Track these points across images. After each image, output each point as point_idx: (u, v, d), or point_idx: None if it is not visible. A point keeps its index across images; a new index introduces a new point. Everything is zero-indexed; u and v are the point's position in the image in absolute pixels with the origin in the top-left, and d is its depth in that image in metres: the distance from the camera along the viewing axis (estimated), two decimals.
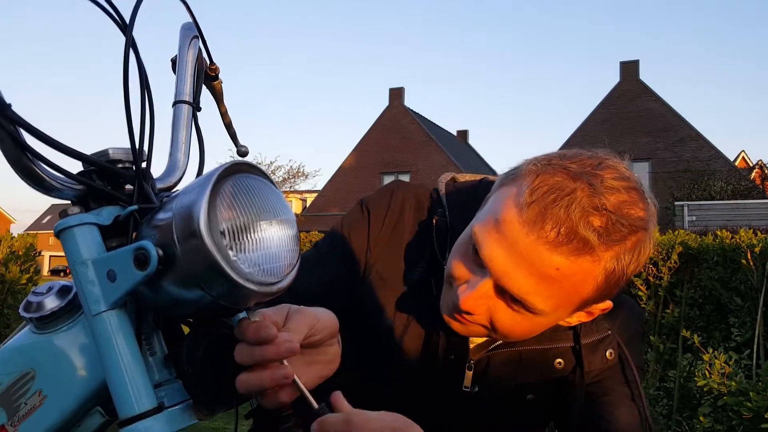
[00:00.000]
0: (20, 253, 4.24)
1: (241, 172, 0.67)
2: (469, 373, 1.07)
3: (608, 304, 0.98)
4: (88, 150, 0.72)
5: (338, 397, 0.72)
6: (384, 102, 33.06)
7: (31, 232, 4.79)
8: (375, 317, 1.09)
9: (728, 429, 2.63)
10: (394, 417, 0.71)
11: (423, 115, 32.01)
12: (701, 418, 2.60)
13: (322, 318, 0.78)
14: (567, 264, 0.85)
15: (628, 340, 1.09)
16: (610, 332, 1.06)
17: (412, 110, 30.55)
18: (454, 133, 36.93)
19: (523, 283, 0.88)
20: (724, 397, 2.36)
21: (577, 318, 1.00)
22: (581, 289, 0.89)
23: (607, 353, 1.05)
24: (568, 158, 0.90)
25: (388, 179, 28.22)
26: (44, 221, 58.93)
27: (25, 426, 0.70)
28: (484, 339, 1.08)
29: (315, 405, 0.70)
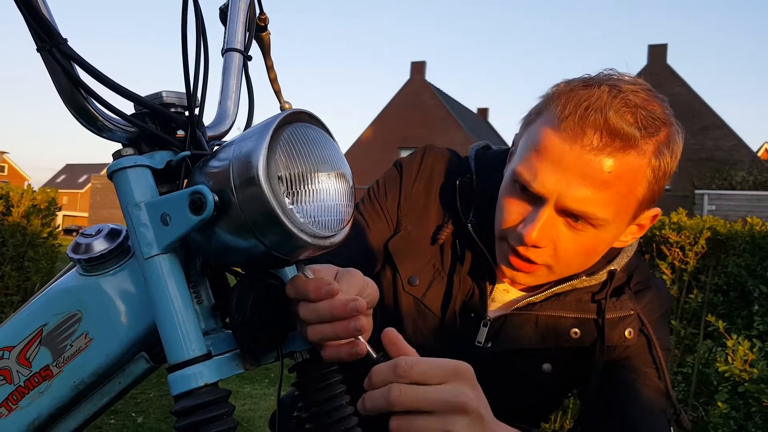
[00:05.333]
0: (42, 206, 4.27)
1: (300, 121, 0.66)
2: (483, 329, 1.09)
3: (657, 211, 1.02)
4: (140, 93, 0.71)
5: (394, 335, 0.71)
6: (405, 75, 32.78)
7: (48, 189, 4.82)
8: (401, 271, 1.13)
9: (745, 416, 2.61)
10: (445, 360, 0.70)
11: (444, 90, 31.76)
12: (719, 404, 2.58)
13: (370, 283, 0.79)
14: (617, 164, 0.89)
15: (654, 321, 1.08)
16: (633, 312, 1.06)
17: (433, 85, 30.31)
18: (475, 111, 36.64)
19: (581, 195, 0.90)
20: (745, 384, 2.34)
21: (631, 235, 1.03)
22: (635, 189, 0.92)
23: (626, 332, 1.05)
24: (581, 78, 0.96)
25: (405, 154, 28.10)
26: (59, 180, 59.17)
27: (70, 367, 0.70)
28: (505, 302, 1.11)
29: (374, 354, 0.70)
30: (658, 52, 25.36)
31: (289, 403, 1.21)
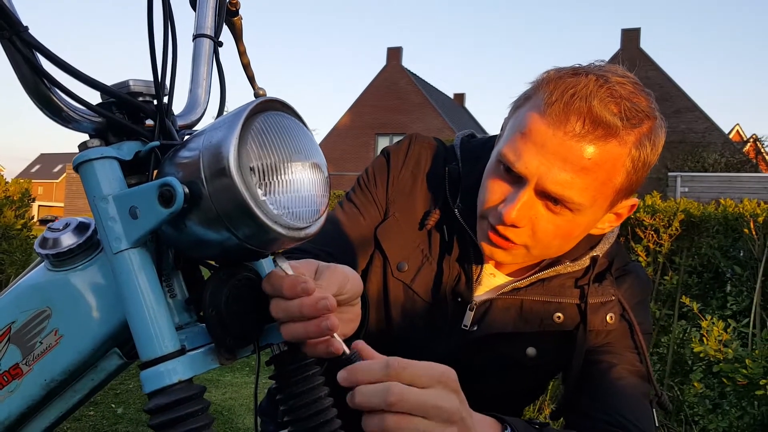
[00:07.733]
0: (15, 198, 4.19)
1: (272, 110, 0.64)
2: (470, 313, 1.11)
3: (635, 201, 1.05)
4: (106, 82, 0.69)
5: (363, 345, 0.71)
6: (381, 61, 32.68)
7: (22, 179, 4.74)
8: (390, 258, 1.14)
9: (719, 395, 2.66)
10: (432, 365, 0.70)
11: (420, 76, 31.67)
12: (695, 384, 2.63)
13: (351, 277, 0.78)
14: (597, 152, 0.91)
15: (634, 305, 1.10)
16: (614, 298, 1.08)
17: (409, 71, 30.19)
18: (451, 96, 36.63)
19: (561, 179, 0.93)
20: (720, 364, 2.38)
21: (608, 223, 1.05)
22: (614, 177, 0.94)
23: (608, 317, 1.07)
24: (571, 67, 0.98)
25: (383, 140, 28.08)
26: (33, 170, 58.11)
27: (41, 365, 0.68)
28: (492, 287, 1.12)
29: (347, 350, 0.69)
30: (631, 36, 25.49)
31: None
